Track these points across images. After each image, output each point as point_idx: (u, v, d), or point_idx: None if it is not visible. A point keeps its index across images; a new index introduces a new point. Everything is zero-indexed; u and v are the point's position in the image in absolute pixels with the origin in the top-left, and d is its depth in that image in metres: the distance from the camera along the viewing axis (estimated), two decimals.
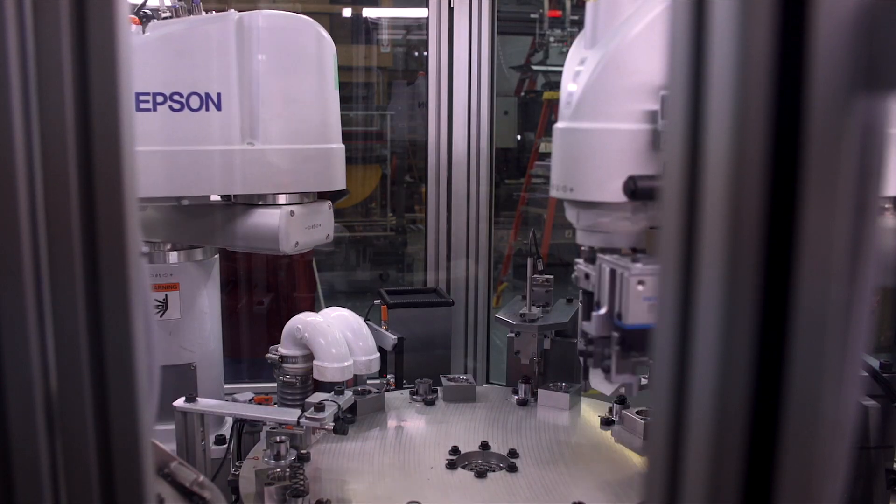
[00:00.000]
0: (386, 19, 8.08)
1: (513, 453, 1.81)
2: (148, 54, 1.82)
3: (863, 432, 1.58)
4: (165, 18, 1.91)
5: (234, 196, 1.97)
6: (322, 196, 2.06)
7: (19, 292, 0.63)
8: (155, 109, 1.80)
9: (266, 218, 1.91)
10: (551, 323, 2.17)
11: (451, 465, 1.76)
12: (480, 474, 1.72)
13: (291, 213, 1.90)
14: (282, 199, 1.94)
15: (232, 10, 1.86)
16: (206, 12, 1.95)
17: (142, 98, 1.80)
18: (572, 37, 7.84)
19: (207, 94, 1.83)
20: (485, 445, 1.85)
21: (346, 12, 7.94)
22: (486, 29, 2.81)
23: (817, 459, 0.62)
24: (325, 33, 1.97)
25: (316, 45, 1.94)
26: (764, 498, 0.62)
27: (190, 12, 1.93)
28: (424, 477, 1.73)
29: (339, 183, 2.04)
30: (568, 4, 8.07)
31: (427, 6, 2.88)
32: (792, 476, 0.62)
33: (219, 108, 1.83)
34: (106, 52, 0.64)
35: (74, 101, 0.64)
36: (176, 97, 1.81)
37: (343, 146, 2.09)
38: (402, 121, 7.97)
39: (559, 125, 1.32)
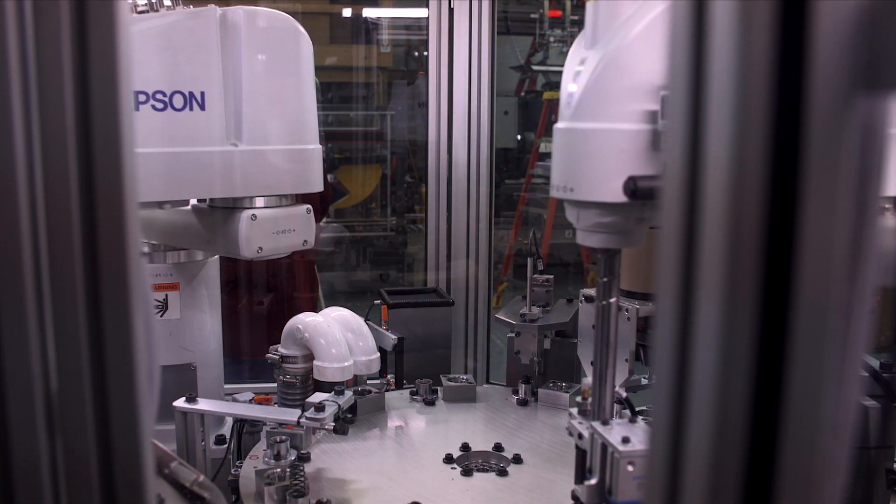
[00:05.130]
0: (386, 19, 8.09)
1: (517, 458, 1.81)
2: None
3: (863, 432, 1.58)
4: (142, 13, 1.81)
5: (212, 200, 1.89)
6: (304, 200, 1.98)
7: (19, 292, 0.63)
8: (137, 109, 1.67)
9: (231, 222, 1.82)
10: (551, 323, 2.18)
11: (451, 466, 1.76)
12: (480, 474, 1.72)
13: (253, 217, 1.80)
14: (259, 203, 1.85)
15: (213, 6, 1.78)
16: (185, 5, 1.87)
17: None
18: (572, 37, 7.86)
19: (191, 94, 1.73)
20: (488, 445, 1.85)
21: (346, 12, 7.96)
22: (486, 29, 2.81)
23: (817, 460, 0.62)
24: (303, 30, 1.91)
25: (295, 43, 1.88)
26: (764, 498, 0.62)
27: (169, 7, 1.85)
28: (424, 477, 1.73)
29: (318, 185, 1.96)
30: (568, 4, 8.08)
31: (427, 6, 2.88)
32: (792, 477, 0.61)
33: (203, 107, 1.74)
34: (106, 52, 0.64)
35: (74, 101, 0.64)
36: (159, 96, 1.71)
37: (320, 147, 2.00)
38: (402, 121, 7.99)
39: (559, 125, 1.32)
